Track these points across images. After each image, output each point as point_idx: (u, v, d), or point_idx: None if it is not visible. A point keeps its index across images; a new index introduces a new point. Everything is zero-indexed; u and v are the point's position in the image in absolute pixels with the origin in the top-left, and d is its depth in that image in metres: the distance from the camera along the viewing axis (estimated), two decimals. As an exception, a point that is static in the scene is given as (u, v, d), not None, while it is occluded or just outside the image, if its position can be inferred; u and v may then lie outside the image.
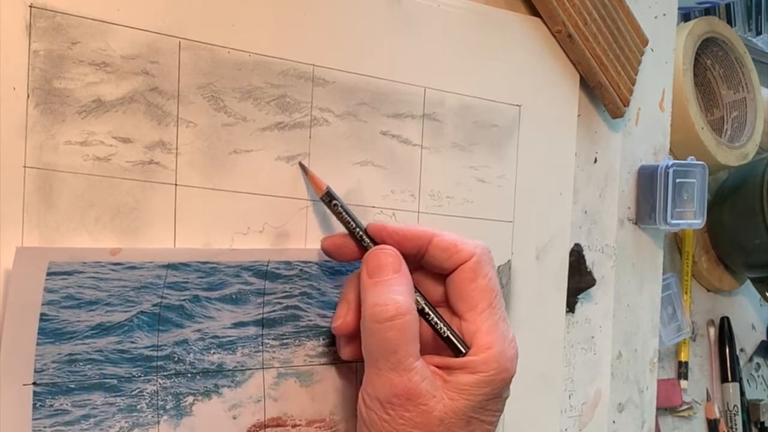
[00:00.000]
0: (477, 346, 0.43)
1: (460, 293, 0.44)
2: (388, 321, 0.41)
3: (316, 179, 0.46)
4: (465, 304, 0.44)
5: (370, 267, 0.43)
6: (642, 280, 0.71)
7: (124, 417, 0.41)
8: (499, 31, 0.56)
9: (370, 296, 0.42)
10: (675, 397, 0.91)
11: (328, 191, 0.46)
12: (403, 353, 0.41)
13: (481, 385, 0.42)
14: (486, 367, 0.42)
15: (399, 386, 0.41)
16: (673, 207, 0.68)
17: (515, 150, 0.57)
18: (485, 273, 0.44)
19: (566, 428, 0.63)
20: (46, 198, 0.39)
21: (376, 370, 0.41)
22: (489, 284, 0.44)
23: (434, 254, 0.44)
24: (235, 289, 0.44)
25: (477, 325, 0.43)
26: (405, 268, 0.43)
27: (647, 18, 0.69)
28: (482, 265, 0.44)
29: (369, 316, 0.42)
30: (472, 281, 0.44)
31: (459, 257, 0.44)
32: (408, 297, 0.42)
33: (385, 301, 0.41)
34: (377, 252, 0.44)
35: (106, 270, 0.40)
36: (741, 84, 0.95)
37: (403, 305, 0.41)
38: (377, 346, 0.41)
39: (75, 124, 0.40)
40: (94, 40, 0.40)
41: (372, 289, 0.42)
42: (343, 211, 0.45)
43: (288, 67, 0.47)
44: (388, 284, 0.42)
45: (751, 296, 1.05)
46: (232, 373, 0.45)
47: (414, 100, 0.52)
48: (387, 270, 0.43)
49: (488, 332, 0.43)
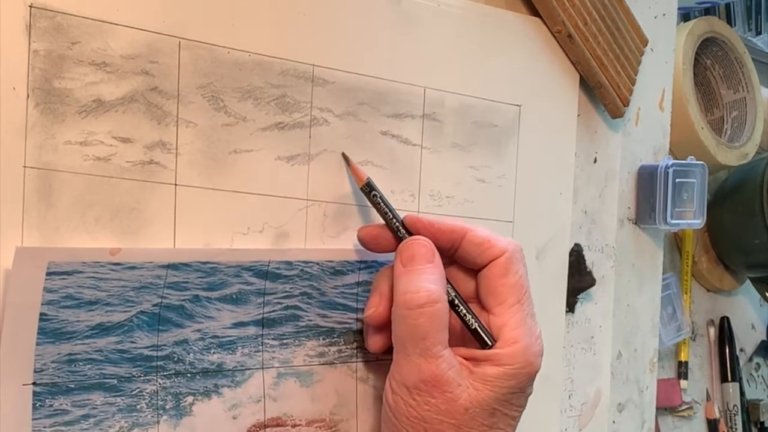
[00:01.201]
0: (504, 339, 0.44)
1: (490, 288, 0.45)
2: (419, 308, 0.42)
3: (358, 170, 0.47)
4: (494, 299, 0.45)
5: (404, 256, 0.44)
6: (642, 280, 0.71)
7: (124, 417, 0.41)
8: (499, 31, 0.56)
9: (402, 284, 0.43)
10: (675, 397, 0.91)
11: (368, 182, 0.47)
12: (432, 340, 0.42)
13: (506, 378, 0.43)
14: (512, 360, 0.43)
15: (426, 372, 0.41)
16: (673, 207, 0.68)
17: (515, 150, 0.57)
18: (516, 270, 0.45)
19: (566, 428, 0.63)
20: (46, 198, 0.39)
21: (404, 355, 0.42)
22: (519, 281, 0.45)
23: (467, 249, 0.45)
24: (235, 289, 0.44)
25: (505, 319, 0.44)
26: (438, 259, 0.44)
27: (647, 18, 0.69)
28: (513, 261, 0.45)
29: (401, 303, 0.42)
30: (503, 277, 0.45)
31: (491, 253, 0.45)
32: (440, 286, 0.43)
33: (417, 288, 0.42)
34: (411, 242, 0.45)
35: (106, 270, 0.40)
36: (741, 84, 0.95)
37: (434, 293, 0.42)
38: (407, 332, 0.42)
39: (75, 124, 0.40)
40: (94, 40, 0.40)
41: (405, 277, 0.43)
42: (382, 202, 0.46)
43: (288, 67, 0.47)
44: (420, 273, 0.43)
45: (751, 296, 1.05)
46: (232, 373, 0.45)
47: (414, 100, 0.52)
48: (420, 259, 0.44)
49: (515, 327, 0.44)
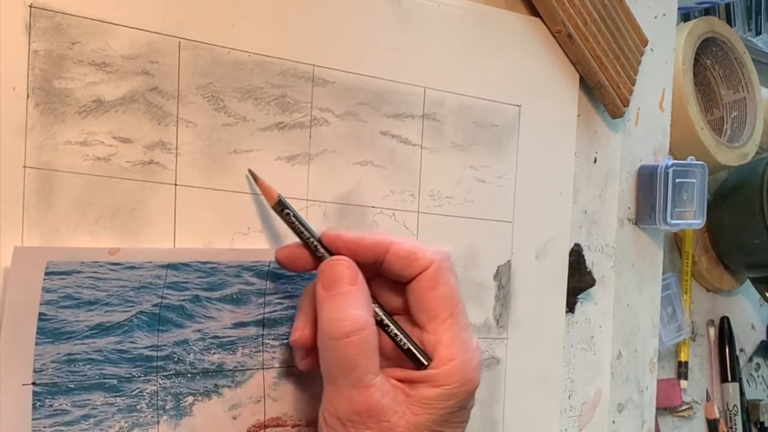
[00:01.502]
0: (439, 358, 0.42)
1: (420, 303, 0.43)
2: (346, 337, 0.39)
3: (267, 187, 0.44)
4: (425, 314, 0.43)
5: (325, 279, 0.41)
6: (642, 280, 0.71)
7: (124, 417, 0.41)
8: (499, 31, 0.56)
9: (326, 311, 0.41)
10: (675, 397, 0.91)
11: (279, 200, 0.44)
12: (362, 370, 0.40)
13: (444, 399, 0.41)
14: (449, 379, 0.41)
15: (359, 403, 0.39)
16: (673, 207, 0.68)
17: (515, 150, 0.57)
18: (445, 281, 0.43)
19: (566, 428, 0.63)
20: (46, 198, 0.39)
21: (335, 387, 0.40)
22: (450, 292, 0.43)
23: (392, 263, 0.43)
24: (235, 289, 0.44)
25: (438, 336, 0.42)
26: (361, 280, 0.42)
27: (647, 18, 0.69)
28: (442, 272, 0.43)
29: (326, 333, 0.40)
30: (432, 290, 0.42)
31: (418, 265, 0.42)
32: (365, 310, 0.41)
33: (342, 316, 0.40)
34: (332, 263, 0.42)
35: (105, 270, 0.40)
36: (741, 84, 0.95)
37: (360, 320, 0.40)
38: (335, 363, 0.40)
39: (75, 124, 0.40)
40: (94, 40, 0.40)
41: (328, 304, 0.41)
42: (296, 220, 0.43)
43: (288, 67, 0.47)
44: (344, 298, 0.41)
45: (751, 296, 1.05)
46: (232, 373, 0.45)
47: (414, 100, 0.52)
48: (342, 282, 0.41)
49: (450, 343, 0.42)
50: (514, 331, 0.58)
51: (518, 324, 0.58)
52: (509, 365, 0.57)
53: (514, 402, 0.58)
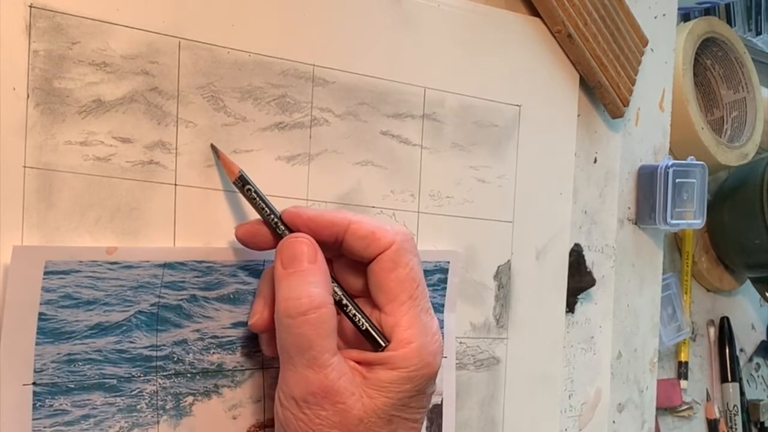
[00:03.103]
0: (397, 340, 0.41)
1: (380, 284, 0.42)
2: (302, 315, 0.38)
3: (229, 162, 0.43)
4: (385, 296, 0.41)
5: (284, 257, 0.40)
6: (642, 280, 0.71)
7: (124, 417, 0.41)
8: (499, 31, 0.56)
9: (283, 289, 0.40)
10: (675, 397, 0.91)
11: (241, 175, 0.42)
12: (318, 349, 0.38)
13: (401, 382, 0.40)
14: (406, 362, 0.40)
15: (315, 384, 0.39)
16: (673, 207, 0.68)
17: (515, 150, 0.57)
18: (406, 262, 0.41)
19: (566, 428, 0.63)
20: (46, 198, 0.39)
21: (290, 366, 0.39)
22: (410, 274, 0.41)
23: (352, 242, 0.42)
24: (232, 288, 0.44)
25: (397, 318, 0.41)
26: (321, 258, 0.41)
27: (647, 18, 0.69)
28: (402, 253, 0.41)
29: (282, 311, 0.39)
30: (392, 271, 0.41)
31: (378, 245, 0.41)
32: (323, 289, 0.40)
33: (299, 294, 0.39)
34: (291, 240, 0.41)
35: (103, 269, 0.40)
36: (741, 84, 0.95)
37: (317, 298, 0.39)
38: (291, 342, 0.39)
39: (75, 124, 0.40)
40: (94, 40, 0.40)
41: (285, 281, 0.40)
42: (257, 196, 0.42)
43: (288, 67, 0.47)
44: (302, 275, 0.40)
45: (751, 296, 1.05)
46: (232, 373, 0.45)
47: (414, 100, 0.52)
48: (301, 260, 0.40)
49: (408, 326, 0.41)
50: (514, 331, 0.58)
51: (518, 324, 0.58)
52: (509, 365, 0.57)
53: (514, 402, 0.58)
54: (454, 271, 0.53)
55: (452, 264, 0.53)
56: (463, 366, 0.55)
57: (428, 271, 0.52)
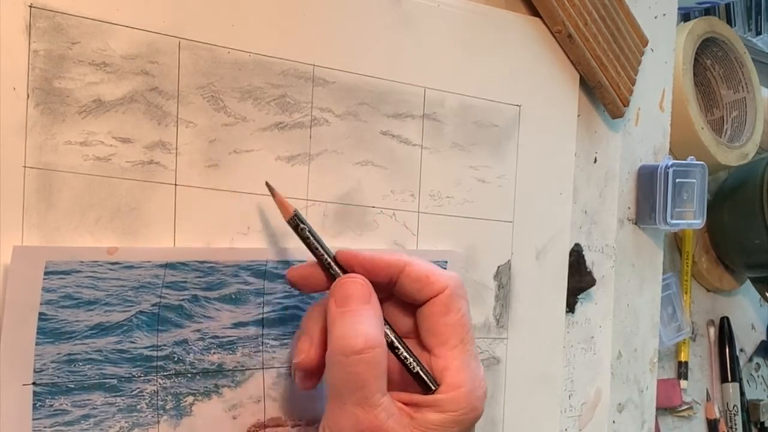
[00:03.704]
0: (447, 384, 0.41)
1: (431, 327, 0.42)
2: (356, 354, 0.39)
3: (284, 202, 0.43)
4: (435, 339, 0.42)
5: (338, 296, 0.41)
6: (642, 280, 0.71)
7: (124, 417, 0.41)
8: (499, 31, 0.56)
9: (337, 327, 0.40)
10: (675, 397, 0.91)
11: (295, 214, 0.43)
12: (370, 389, 0.39)
13: (448, 425, 0.41)
14: (455, 406, 0.41)
15: (364, 423, 0.39)
16: (673, 207, 0.68)
17: (515, 150, 0.57)
18: (458, 307, 0.42)
19: (566, 428, 0.63)
20: (46, 198, 0.39)
21: (340, 404, 0.39)
22: (461, 319, 0.42)
23: (406, 284, 0.42)
24: (234, 288, 0.44)
25: (447, 361, 0.42)
26: (375, 299, 0.42)
27: (647, 18, 0.69)
28: (455, 299, 0.42)
29: (336, 348, 0.39)
30: (444, 315, 0.42)
31: (431, 289, 0.42)
32: (377, 329, 0.40)
33: (354, 333, 0.39)
34: (346, 281, 0.42)
35: (104, 269, 0.40)
36: (741, 84, 0.95)
37: (372, 338, 0.39)
38: (343, 379, 0.39)
39: (75, 124, 0.40)
40: (94, 40, 0.40)
41: (340, 320, 0.40)
42: (311, 236, 0.43)
43: (288, 67, 0.47)
44: (356, 315, 0.40)
45: (751, 296, 1.05)
46: (232, 373, 0.45)
47: (414, 100, 0.52)
48: (356, 300, 0.41)
49: (459, 370, 0.42)
50: (514, 331, 0.58)
51: (518, 324, 0.58)
52: (509, 365, 0.57)
53: (514, 402, 0.58)
54: (453, 271, 0.53)
55: (451, 264, 0.53)
56: (463, 366, 0.55)
57: (428, 271, 0.52)
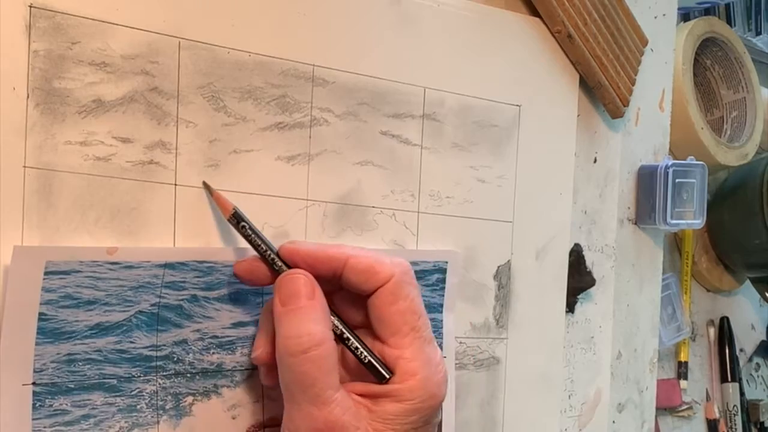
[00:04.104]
0: (401, 373, 0.41)
1: (381, 317, 0.42)
2: (303, 353, 0.39)
3: (222, 200, 0.43)
4: (387, 329, 0.42)
5: (282, 294, 0.41)
6: (642, 280, 0.71)
7: (124, 417, 0.41)
8: (499, 31, 0.56)
9: (283, 327, 0.40)
10: (675, 397, 0.91)
11: (235, 212, 0.43)
12: (321, 386, 0.39)
13: (407, 414, 0.40)
14: (412, 395, 0.40)
15: (319, 420, 0.39)
16: (673, 207, 0.68)
17: (515, 150, 0.57)
18: (406, 294, 0.42)
19: (566, 428, 0.63)
20: (46, 198, 0.39)
21: (294, 404, 0.39)
22: (411, 306, 0.42)
23: (351, 277, 0.42)
24: (233, 288, 0.44)
25: (400, 350, 0.41)
26: (319, 294, 0.41)
27: (647, 18, 0.69)
28: (402, 286, 0.42)
29: (283, 349, 0.39)
30: (392, 304, 0.41)
31: (377, 279, 0.41)
32: (323, 325, 0.40)
33: (299, 332, 0.39)
34: (289, 277, 0.41)
35: (104, 269, 0.40)
36: (741, 84, 0.95)
37: (317, 335, 0.39)
38: (293, 379, 0.39)
39: (75, 124, 0.40)
40: (94, 40, 0.40)
41: (284, 319, 0.40)
42: (252, 233, 0.42)
43: (288, 67, 0.47)
44: (301, 312, 0.40)
45: (750, 296, 1.05)
46: (232, 373, 0.45)
47: (414, 100, 0.52)
48: (299, 297, 0.40)
49: (412, 358, 0.41)
50: (514, 331, 0.58)
51: (518, 324, 0.58)
52: (509, 365, 0.57)
53: (514, 402, 0.58)
54: (452, 271, 0.53)
55: (450, 264, 0.53)
56: (463, 366, 0.55)
57: (427, 271, 0.52)
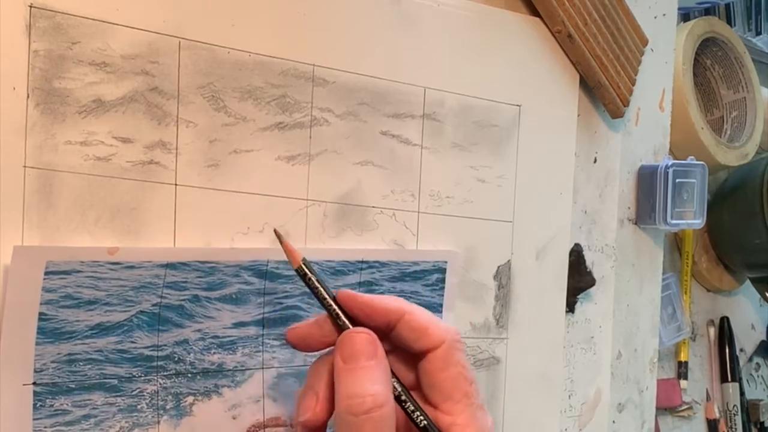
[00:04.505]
0: None
1: (433, 383, 0.42)
2: (365, 414, 0.38)
3: (292, 250, 0.42)
4: (439, 395, 0.42)
5: (345, 352, 0.40)
6: (642, 280, 0.71)
7: (125, 417, 0.41)
8: (499, 31, 0.56)
9: (344, 386, 0.39)
10: (675, 397, 0.91)
11: (304, 262, 0.42)
12: None
13: None
14: None
15: None
16: (673, 207, 0.68)
17: (515, 150, 0.57)
18: (456, 361, 0.42)
19: (566, 428, 0.63)
20: (46, 198, 0.39)
21: None
22: (463, 372, 0.42)
23: (403, 333, 0.42)
24: (235, 288, 0.44)
25: (453, 416, 0.41)
26: (382, 353, 0.41)
27: (647, 18, 0.69)
28: (453, 352, 0.42)
29: (344, 408, 0.39)
30: (443, 370, 0.41)
31: (428, 341, 0.41)
32: (385, 387, 0.39)
33: (362, 392, 0.39)
34: (352, 335, 0.41)
35: (105, 269, 0.40)
36: (741, 84, 0.95)
37: (380, 396, 0.38)
38: None
39: (75, 124, 0.40)
40: (94, 40, 0.40)
41: (347, 378, 0.39)
42: (320, 286, 0.42)
43: (288, 67, 0.47)
44: (364, 372, 0.39)
45: (750, 296, 1.05)
46: (232, 373, 0.45)
47: (414, 100, 0.52)
48: (362, 355, 0.40)
49: (466, 424, 0.41)
50: (514, 331, 0.58)
51: (518, 324, 0.58)
52: (509, 365, 0.57)
53: (514, 402, 0.58)
54: (452, 271, 0.53)
55: (450, 264, 0.53)
56: (463, 366, 0.55)
57: (427, 271, 0.52)
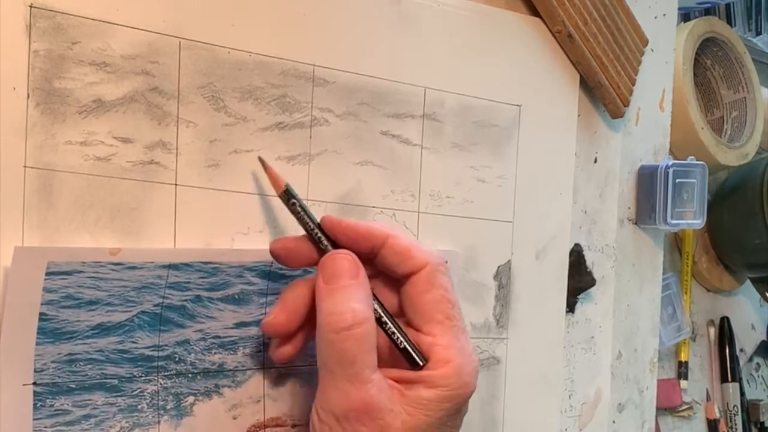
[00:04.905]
0: (436, 359, 0.41)
1: (415, 305, 0.42)
2: (345, 330, 0.39)
3: (276, 176, 0.43)
4: (421, 317, 0.42)
5: (326, 272, 0.41)
6: (642, 280, 0.71)
7: (125, 417, 0.41)
8: (499, 31, 0.56)
9: (326, 304, 0.40)
10: (675, 397, 0.91)
11: (287, 189, 0.43)
12: (360, 364, 0.39)
13: (440, 401, 0.40)
14: (445, 381, 0.40)
15: (355, 399, 0.39)
16: (673, 207, 0.68)
17: (515, 150, 0.57)
18: (440, 283, 0.42)
19: (566, 428, 0.63)
20: (46, 198, 0.39)
21: (331, 382, 0.39)
22: (445, 294, 0.42)
23: (387, 256, 0.42)
24: (237, 289, 0.44)
25: (435, 338, 0.41)
26: (363, 274, 0.41)
27: (647, 18, 0.69)
28: (436, 275, 0.42)
29: (325, 326, 0.39)
30: (427, 292, 0.42)
31: (411, 264, 0.42)
32: (366, 304, 0.40)
33: (342, 309, 0.39)
34: (334, 256, 0.42)
35: (106, 270, 0.40)
36: (741, 84, 0.95)
37: (360, 313, 0.39)
38: (334, 356, 0.39)
39: (75, 124, 0.40)
40: (94, 40, 0.40)
41: (328, 297, 0.40)
42: (303, 211, 0.43)
43: (288, 67, 0.47)
44: (345, 291, 0.40)
45: (751, 296, 1.05)
46: (233, 373, 0.45)
47: (414, 100, 0.52)
48: (344, 275, 0.41)
49: (447, 346, 0.41)
50: (514, 331, 0.58)
51: (518, 324, 0.58)
52: (509, 365, 0.57)
53: (514, 402, 0.58)
54: (452, 271, 0.53)
55: (450, 264, 0.53)
56: (463, 366, 0.55)
57: (428, 271, 0.52)
